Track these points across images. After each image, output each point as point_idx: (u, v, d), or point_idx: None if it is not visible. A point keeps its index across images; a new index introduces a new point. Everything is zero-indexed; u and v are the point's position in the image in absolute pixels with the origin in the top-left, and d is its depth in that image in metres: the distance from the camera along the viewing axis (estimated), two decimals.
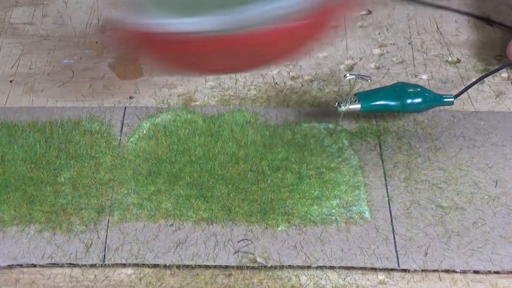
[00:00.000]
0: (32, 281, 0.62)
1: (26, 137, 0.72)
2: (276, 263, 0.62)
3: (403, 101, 0.70)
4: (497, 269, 0.61)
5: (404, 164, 0.70)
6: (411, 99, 0.70)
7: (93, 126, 0.73)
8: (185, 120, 0.74)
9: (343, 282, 0.62)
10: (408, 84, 0.72)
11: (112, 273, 0.62)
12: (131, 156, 0.70)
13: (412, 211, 0.66)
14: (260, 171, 0.69)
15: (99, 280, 0.62)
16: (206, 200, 0.66)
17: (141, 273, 0.62)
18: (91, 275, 0.62)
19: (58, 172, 0.69)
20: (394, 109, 0.70)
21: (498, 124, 0.73)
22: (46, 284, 0.62)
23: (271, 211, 0.66)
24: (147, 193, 0.67)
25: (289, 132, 0.72)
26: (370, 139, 0.72)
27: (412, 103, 0.70)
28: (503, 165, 0.70)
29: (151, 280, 0.62)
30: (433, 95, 0.71)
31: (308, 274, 0.62)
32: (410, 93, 0.70)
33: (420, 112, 0.73)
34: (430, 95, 0.71)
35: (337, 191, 0.67)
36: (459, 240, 0.63)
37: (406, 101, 0.70)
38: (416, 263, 0.62)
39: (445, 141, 0.72)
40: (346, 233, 0.64)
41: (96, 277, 0.62)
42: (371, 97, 0.70)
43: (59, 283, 0.62)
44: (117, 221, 0.65)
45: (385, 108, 0.70)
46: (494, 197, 0.67)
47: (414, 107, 0.71)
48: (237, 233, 0.64)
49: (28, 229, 0.65)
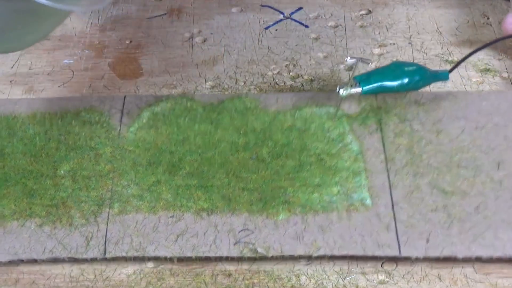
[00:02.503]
0: (32, 281, 0.62)
1: (25, 129, 0.72)
2: (277, 253, 0.62)
3: (402, 80, 0.69)
4: (499, 254, 0.61)
5: (405, 148, 0.69)
6: (409, 77, 0.69)
7: (92, 116, 0.73)
8: (185, 108, 0.73)
9: (343, 282, 0.61)
10: (404, 63, 0.71)
11: (112, 273, 0.63)
12: (131, 146, 0.70)
13: (413, 197, 0.65)
14: (260, 159, 0.68)
15: (99, 280, 0.62)
16: (206, 190, 0.66)
17: (141, 273, 0.62)
18: (91, 275, 0.62)
19: (57, 165, 0.69)
20: (394, 89, 0.70)
21: (500, 104, 0.72)
22: (46, 284, 0.62)
23: (272, 200, 0.65)
24: (147, 184, 0.67)
25: (290, 118, 0.72)
26: (371, 123, 0.72)
27: (411, 81, 0.70)
28: (506, 146, 0.69)
29: (151, 280, 0.62)
30: (429, 72, 0.71)
31: (308, 274, 0.62)
32: (408, 71, 0.70)
33: (418, 89, 0.72)
34: (427, 72, 0.71)
35: (338, 177, 0.67)
36: (461, 225, 0.63)
37: (405, 80, 0.69)
38: (417, 250, 0.61)
39: (447, 122, 0.71)
40: (347, 221, 0.64)
41: (96, 277, 0.62)
42: (370, 79, 0.69)
43: (59, 283, 0.62)
44: (117, 213, 0.65)
45: (386, 89, 0.70)
46: (497, 181, 0.66)
47: (413, 85, 0.70)
48: (237, 223, 0.64)
49: (28, 223, 0.65)
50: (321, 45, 0.83)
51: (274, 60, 0.82)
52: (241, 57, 0.82)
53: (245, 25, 0.87)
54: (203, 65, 0.81)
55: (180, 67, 0.81)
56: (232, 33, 0.86)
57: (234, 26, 0.87)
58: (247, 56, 0.82)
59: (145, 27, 0.87)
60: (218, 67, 0.81)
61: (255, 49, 0.83)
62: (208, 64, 0.82)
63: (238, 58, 0.82)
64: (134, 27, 0.87)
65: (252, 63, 0.81)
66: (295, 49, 0.83)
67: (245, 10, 0.89)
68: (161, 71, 0.81)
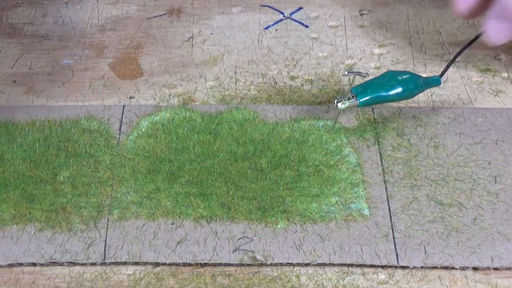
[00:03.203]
0: (32, 281, 0.62)
1: (25, 136, 0.72)
2: (276, 261, 0.62)
3: (397, 90, 0.70)
4: (496, 265, 0.61)
5: (403, 161, 0.70)
6: (404, 86, 0.70)
7: (91, 124, 0.73)
8: (184, 118, 0.74)
9: (343, 282, 0.62)
10: (397, 72, 0.72)
11: (113, 273, 0.62)
12: (130, 154, 0.70)
13: (411, 208, 0.66)
14: (259, 169, 0.69)
15: (99, 280, 0.62)
16: (205, 198, 0.66)
17: (141, 273, 0.62)
18: (91, 275, 0.62)
19: (57, 171, 0.69)
20: (390, 98, 0.70)
21: (497, 121, 0.73)
22: (46, 284, 0.62)
23: (271, 209, 0.66)
24: (147, 191, 0.67)
25: (288, 130, 0.73)
26: (369, 136, 0.72)
27: (406, 89, 0.70)
28: (502, 161, 0.70)
29: (151, 281, 0.62)
30: (422, 79, 0.72)
31: (308, 274, 0.62)
32: (402, 80, 0.70)
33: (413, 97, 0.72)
34: (419, 79, 0.72)
35: (336, 188, 0.67)
36: (459, 237, 0.63)
37: (399, 89, 0.70)
38: (415, 260, 0.62)
39: (445, 138, 0.72)
40: (345, 230, 0.64)
41: (96, 277, 0.62)
42: (367, 90, 0.70)
43: (59, 284, 0.62)
44: (117, 220, 0.65)
45: (382, 99, 0.70)
46: (493, 194, 0.67)
47: (408, 94, 0.71)
48: (236, 231, 0.64)
49: (28, 228, 0.65)
50: (321, 45, 0.84)
51: (274, 60, 0.82)
52: (241, 57, 0.83)
53: (245, 25, 0.88)
54: (203, 65, 0.82)
55: (180, 67, 0.82)
56: (232, 33, 0.87)
57: (234, 26, 0.88)
58: (247, 56, 0.83)
59: (145, 27, 0.88)
60: (218, 67, 0.82)
61: (255, 49, 0.84)
62: (208, 64, 0.82)
63: (238, 58, 0.83)
64: (134, 27, 0.88)
65: (252, 63, 0.82)
66: (295, 49, 0.84)
67: (245, 10, 0.90)
68: (161, 71, 0.81)
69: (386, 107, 0.75)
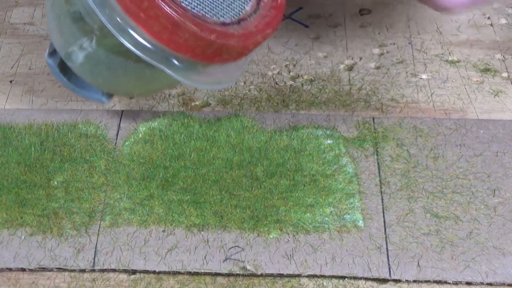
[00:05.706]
0: (32, 281, 0.62)
1: (21, 139, 0.71)
2: (266, 271, 0.61)
3: None
4: (490, 281, 0.60)
5: (401, 172, 0.69)
6: None
7: (89, 129, 0.73)
8: (182, 124, 0.73)
9: (343, 282, 0.61)
10: None
11: (113, 274, 0.62)
12: (126, 160, 0.70)
13: (406, 220, 0.65)
14: (254, 177, 0.68)
15: (99, 280, 0.62)
16: (198, 206, 0.66)
17: (141, 273, 0.62)
18: (91, 275, 0.62)
19: (51, 176, 0.68)
20: None
21: (499, 133, 0.72)
22: (46, 284, 0.62)
23: (264, 218, 0.65)
24: (140, 198, 0.67)
25: (286, 138, 0.72)
26: (368, 146, 0.71)
27: None
28: (502, 174, 0.69)
29: (151, 281, 0.62)
30: None
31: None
32: None
33: None
34: None
35: (331, 198, 0.67)
36: (453, 250, 0.62)
37: None
38: (408, 273, 0.61)
39: (445, 149, 0.71)
40: (338, 242, 0.63)
41: (96, 277, 0.62)
42: None
43: (59, 283, 0.62)
44: (109, 226, 0.65)
45: None
46: (491, 207, 0.66)
47: None
48: (228, 240, 0.64)
49: (19, 233, 0.64)
50: (321, 45, 0.84)
51: (274, 60, 0.82)
52: None
53: None
54: None
55: None
56: None
57: None
58: None
59: None
60: None
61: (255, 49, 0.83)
62: None
63: None
64: None
65: (252, 63, 0.81)
66: (295, 49, 0.83)
67: None
68: None
69: (388, 117, 0.74)
